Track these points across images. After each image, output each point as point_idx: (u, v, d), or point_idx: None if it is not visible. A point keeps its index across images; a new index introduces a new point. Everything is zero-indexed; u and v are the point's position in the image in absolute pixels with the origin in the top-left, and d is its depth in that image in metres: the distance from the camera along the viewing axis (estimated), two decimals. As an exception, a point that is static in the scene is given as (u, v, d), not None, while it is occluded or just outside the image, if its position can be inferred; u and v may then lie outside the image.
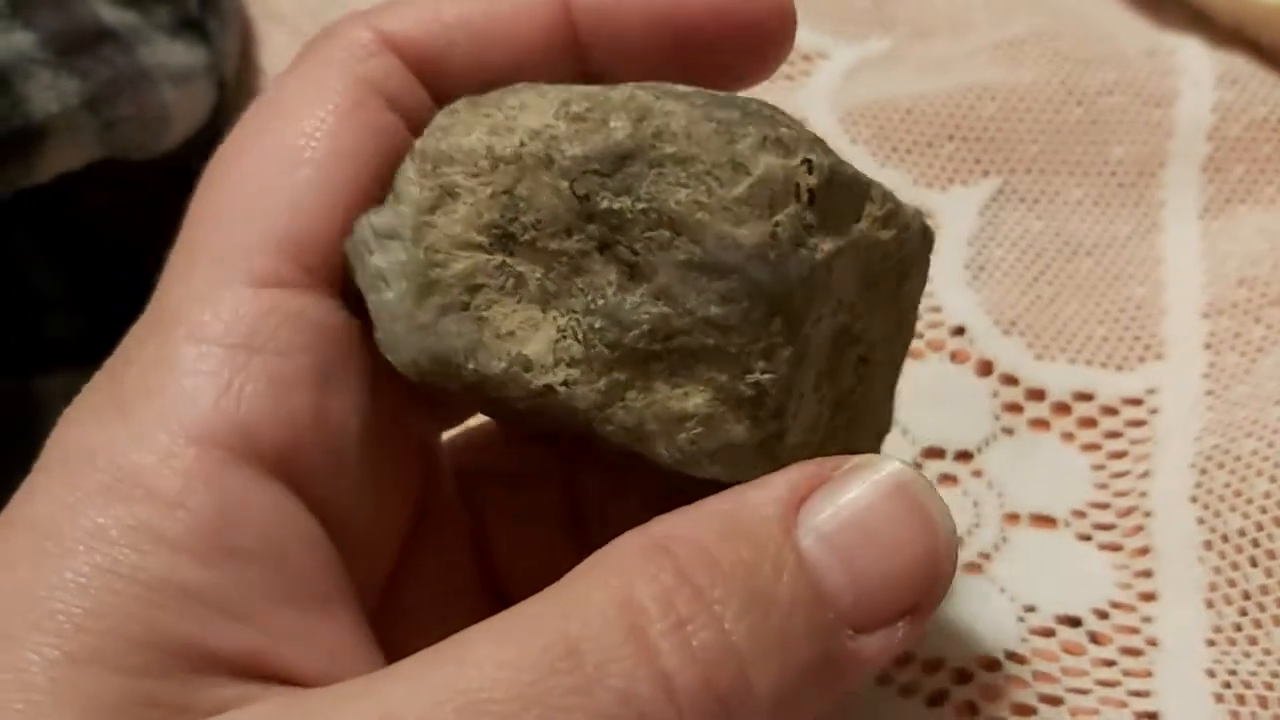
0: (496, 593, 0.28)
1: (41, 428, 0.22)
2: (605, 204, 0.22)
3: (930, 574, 0.21)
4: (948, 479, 0.34)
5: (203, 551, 0.20)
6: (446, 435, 0.29)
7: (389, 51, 0.24)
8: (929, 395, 0.36)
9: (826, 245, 0.22)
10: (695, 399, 0.22)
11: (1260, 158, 0.40)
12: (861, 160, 0.40)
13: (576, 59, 0.25)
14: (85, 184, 0.35)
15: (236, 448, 0.21)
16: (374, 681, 0.19)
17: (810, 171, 0.22)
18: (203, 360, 0.21)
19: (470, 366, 0.22)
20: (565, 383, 0.22)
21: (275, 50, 0.43)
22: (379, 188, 0.24)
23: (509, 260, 0.23)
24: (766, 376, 0.22)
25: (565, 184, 0.22)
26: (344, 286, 0.24)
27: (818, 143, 0.23)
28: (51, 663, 0.19)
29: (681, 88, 0.23)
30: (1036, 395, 0.36)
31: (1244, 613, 0.31)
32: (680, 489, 0.22)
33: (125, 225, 0.39)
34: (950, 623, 0.32)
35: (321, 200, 0.23)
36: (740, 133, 0.22)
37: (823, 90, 0.42)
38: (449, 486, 0.28)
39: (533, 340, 0.22)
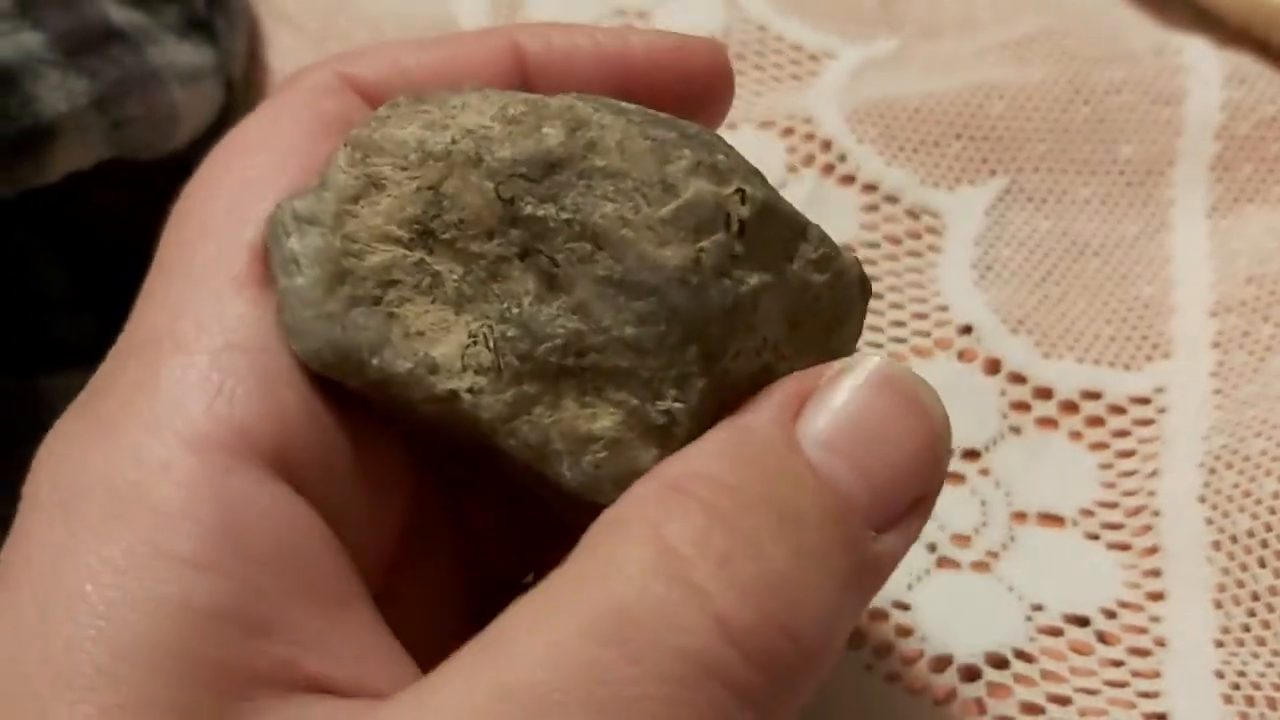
0: (486, 596, 0.27)
1: (46, 428, 0.22)
2: (529, 210, 0.22)
3: (932, 461, 0.22)
4: (955, 478, 0.34)
5: (218, 564, 0.19)
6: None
7: (350, 90, 0.25)
8: (937, 394, 0.36)
9: (753, 279, 0.22)
10: (604, 421, 0.22)
11: (1269, 156, 0.40)
12: (868, 159, 0.40)
13: None
14: (93, 184, 0.35)
15: (235, 449, 0.20)
16: (423, 693, 0.19)
17: (743, 201, 0.22)
18: (189, 367, 0.21)
19: (375, 363, 0.22)
20: (471, 389, 0.22)
21: (282, 50, 0.43)
22: None
23: (427, 258, 0.22)
24: (678, 405, 0.21)
25: (491, 185, 0.22)
26: None
27: (755, 175, 0.23)
28: (85, 718, 0.18)
29: (624, 104, 0.23)
30: (1044, 394, 0.36)
31: (1252, 613, 0.31)
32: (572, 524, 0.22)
33: (132, 225, 0.39)
34: (958, 620, 0.32)
35: None
36: (675, 154, 0.22)
37: (830, 89, 0.42)
38: (435, 486, 0.27)
39: (442, 343, 0.22)
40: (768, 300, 0.22)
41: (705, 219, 0.21)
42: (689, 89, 0.26)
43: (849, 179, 0.40)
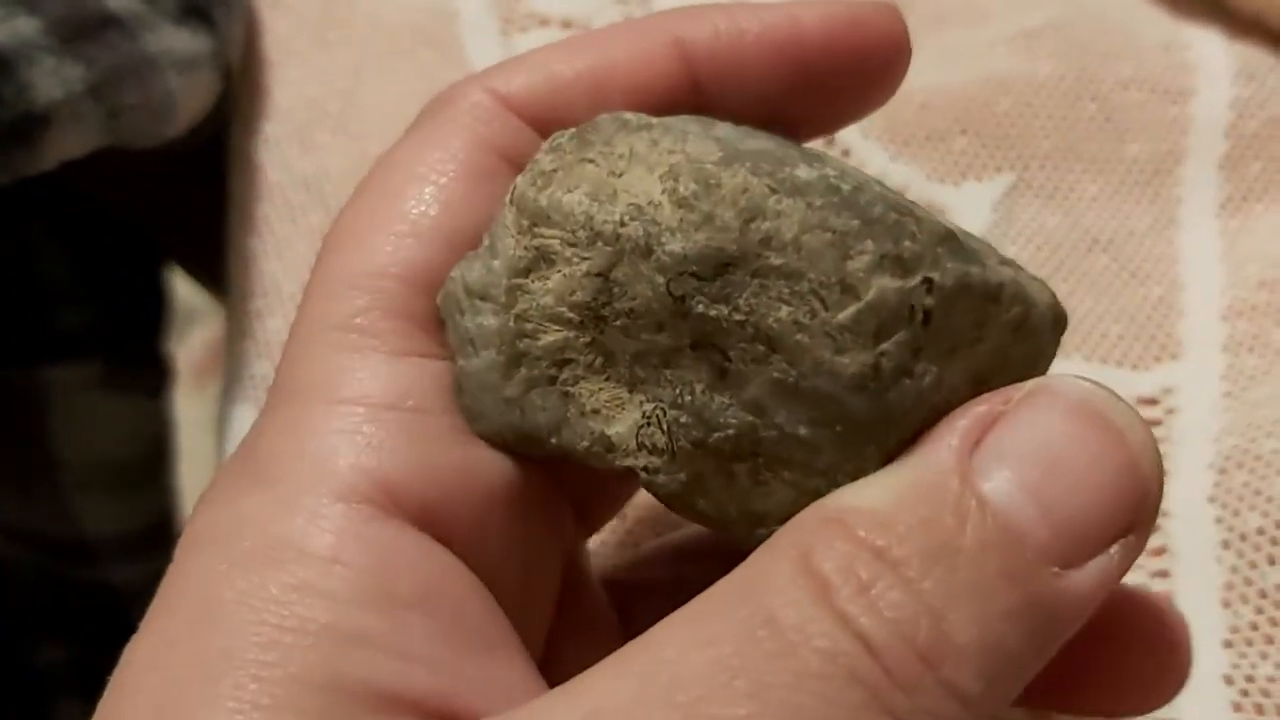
0: None
1: (48, 417, 0.22)
2: (701, 309, 0.21)
3: (1133, 489, 0.20)
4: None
5: (367, 602, 0.20)
6: (594, 541, 0.29)
7: (506, 110, 0.24)
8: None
9: (935, 368, 0.21)
10: (779, 496, 0.21)
11: (1278, 155, 0.39)
12: (874, 155, 0.39)
13: (695, 100, 0.24)
14: (92, 173, 0.35)
15: (381, 502, 0.21)
16: (572, 687, 0.19)
17: (929, 292, 0.20)
18: (339, 420, 0.21)
19: (553, 441, 0.22)
20: (647, 469, 0.21)
21: (280, 38, 0.43)
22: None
23: (600, 338, 0.22)
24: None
25: (662, 280, 0.21)
26: None
27: (948, 244, 0.21)
28: (234, 712, 0.18)
29: (804, 172, 0.21)
30: (1052, 394, 0.35)
31: (1260, 611, 0.31)
32: None
33: (133, 215, 0.39)
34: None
35: (429, 269, 0.23)
36: (856, 248, 0.20)
37: (834, 83, 0.41)
38: (594, 587, 0.27)
39: (617, 421, 0.22)
40: (954, 374, 0.21)
41: (887, 320, 0.20)
42: (867, 65, 0.25)
43: (854, 174, 0.39)
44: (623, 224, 0.21)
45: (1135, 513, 0.20)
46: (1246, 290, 0.37)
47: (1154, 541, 0.32)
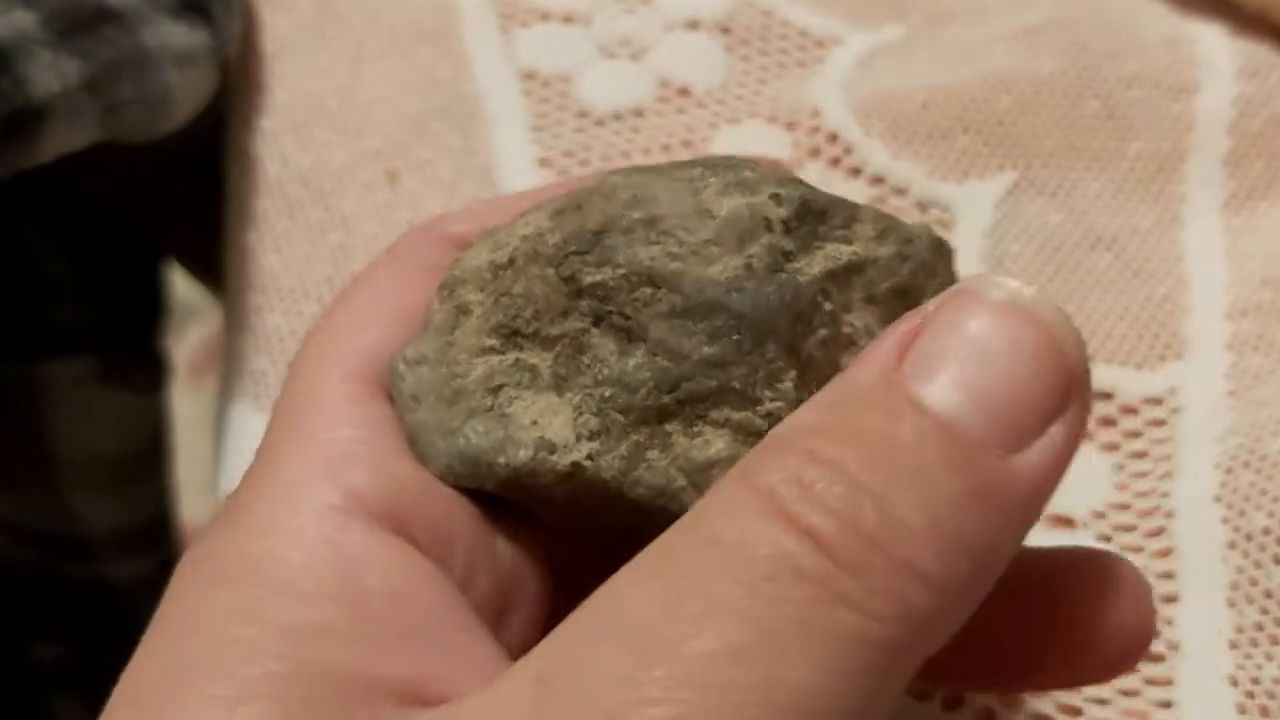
0: None
1: (45, 413, 0.22)
2: (589, 278, 0.23)
3: (1058, 367, 0.21)
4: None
5: (337, 596, 0.21)
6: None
7: (445, 241, 0.27)
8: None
9: (814, 268, 0.23)
10: (716, 444, 0.22)
11: (1282, 153, 0.39)
12: (876, 154, 0.39)
13: None
14: (89, 168, 0.34)
15: (350, 509, 0.22)
16: (552, 639, 0.20)
17: (779, 204, 0.23)
18: (308, 454, 0.23)
19: (501, 461, 0.23)
20: (590, 456, 0.23)
21: (278, 34, 0.42)
22: None
23: (520, 356, 0.24)
24: (776, 404, 0.22)
25: (552, 271, 0.23)
26: None
27: (788, 180, 0.24)
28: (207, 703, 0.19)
29: (651, 164, 0.25)
30: (1055, 393, 0.35)
31: (1266, 611, 0.31)
32: None
33: (129, 210, 0.39)
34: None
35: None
36: (702, 184, 0.23)
37: (835, 79, 0.41)
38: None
39: (554, 424, 0.23)
40: (839, 288, 0.23)
41: (746, 229, 0.23)
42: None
43: (855, 171, 0.39)
44: (515, 249, 0.24)
45: (1066, 390, 0.21)
46: (1251, 288, 0.36)
47: (1159, 543, 0.32)
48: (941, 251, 0.25)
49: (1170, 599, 0.31)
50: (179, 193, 0.44)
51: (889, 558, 0.19)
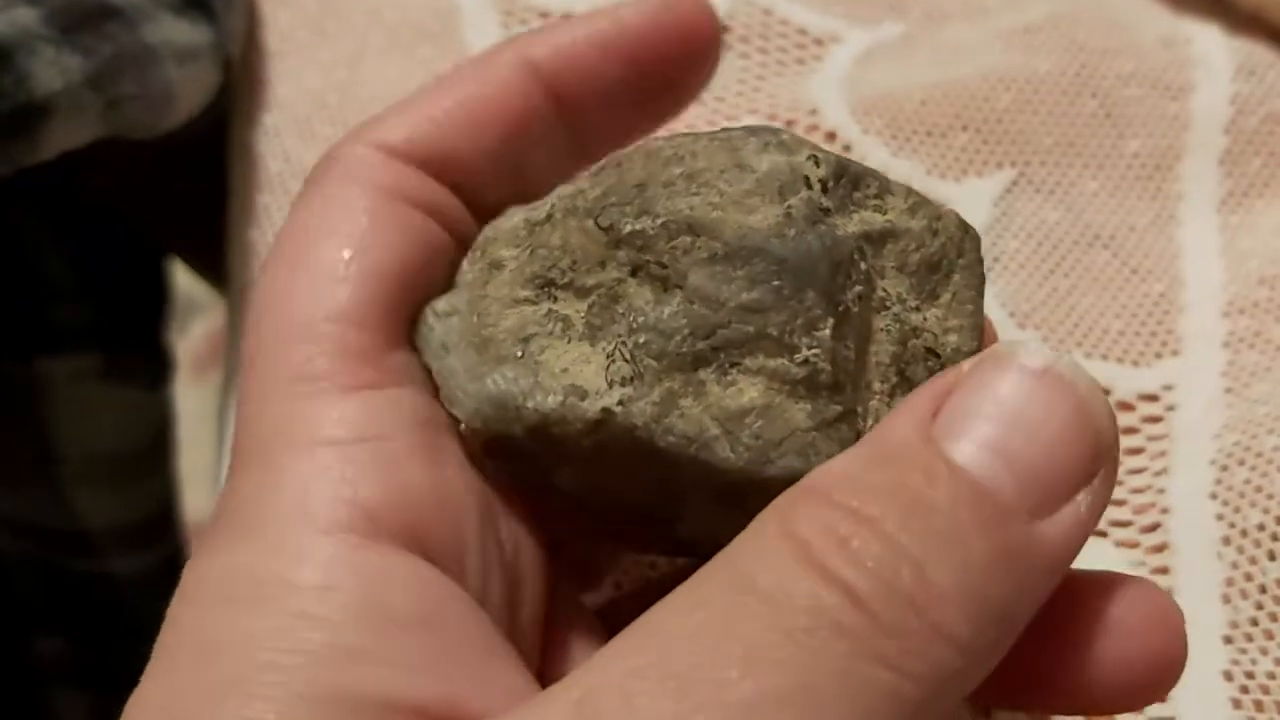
0: None
1: (47, 409, 0.22)
2: (628, 227, 0.23)
3: (1089, 435, 0.21)
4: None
5: (362, 621, 0.20)
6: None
7: (394, 159, 0.25)
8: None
9: (850, 227, 0.23)
10: (750, 392, 0.22)
11: (1278, 151, 0.39)
12: (874, 151, 0.39)
13: (557, 110, 0.27)
14: (91, 165, 0.34)
15: (364, 530, 0.21)
16: (569, 677, 0.20)
17: (818, 164, 0.23)
18: (310, 461, 0.22)
19: (530, 405, 0.23)
20: (620, 402, 0.23)
21: (280, 30, 0.43)
22: (422, 274, 0.25)
23: (554, 307, 0.24)
24: (814, 351, 0.22)
25: (590, 221, 0.23)
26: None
27: (823, 148, 0.24)
28: None
29: (690, 131, 0.24)
30: (1052, 389, 0.35)
31: (1260, 606, 0.31)
32: None
33: (131, 206, 0.39)
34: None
35: (364, 310, 0.24)
36: (741, 143, 0.23)
37: (834, 77, 0.41)
38: (590, 618, 0.28)
39: (586, 372, 0.23)
40: (873, 252, 0.23)
41: (786, 183, 0.23)
42: (687, 45, 0.27)
43: (855, 168, 0.39)
44: (553, 206, 0.24)
45: (1095, 458, 0.21)
46: (1247, 286, 0.37)
47: (1154, 538, 0.32)
48: (969, 233, 0.25)
49: (1165, 594, 0.31)
50: (181, 189, 0.44)
51: (923, 620, 0.19)
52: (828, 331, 0.22)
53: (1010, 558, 0.20)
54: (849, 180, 0.24)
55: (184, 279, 0.58)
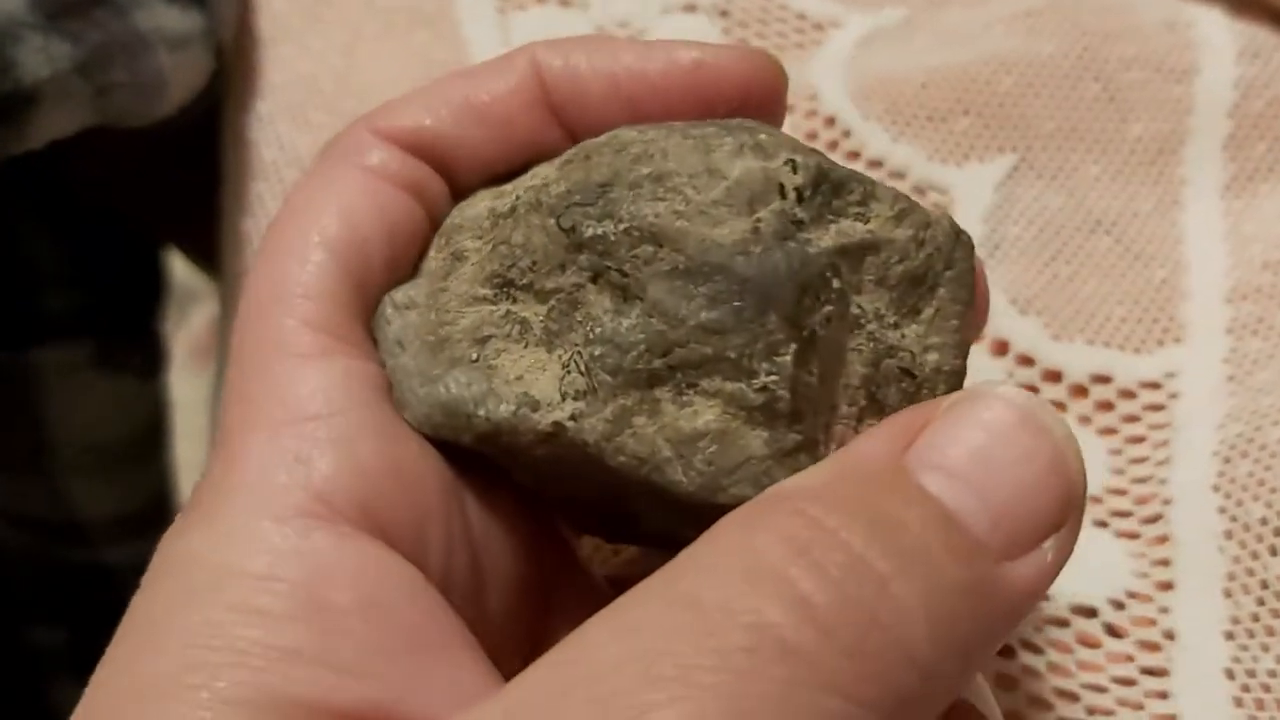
0: None
1: (40, 399, 0.22)
2: (590, 231, 0.22)
3: (1063, 483, 0.21)
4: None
5: (302, 615, 0.20)
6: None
7: (388, 144, 0.26)
8: (942, 376, 0.35)
9: (825, 241, 0.22)
10: (705, 415, 0.22)
11: (1283, 135, 0.39)
12: (875, 137, 0.39)
13: (553, 120, 0.26)
14: (81, 153, 0.34)
15: (317, 513, 0.21)
16: (505, 688, 0.19)
17: (795, 171, 0.22)
18: (269, 443, 0.22)
19: (481, 414, 0.22)
20: (573, 417, 0.22)
21: (274, 16, 0.42)
22: (395, 249, 0.25)
23: (513, 308, 0.23)
24: (772, 378, 0.21)
25: (552, 221, 0.23)
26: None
27: (806, 149, 0.23)
28: None
29: (666, 123, 0.23)
30: (1053, 377, 0.35)
31: (1261, 602, 0.30)
32: None
33: (121, 196, 0.39)
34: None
35: (337, 285, 0.24)
36: (716, 144, 0.22)
37: (834, 61, 0.41)
38: (598, 581, 0.27)
39: (540, 381, 0.22)
40: (851, 265, 0.22)
41: (758, 192, 0.22)
42: (715, 109, 0.26)
43: (854, 155, 0.39)
44: (518, 198, 0.23)
45: (1064, 507, 0.21)
46: (1251, 272, 0.36)
47: (1155, 529, 0.32)
48: (960, 241, 0.24)
49: (1166, 586, 0.31)
50: (174, 177, 0.44)
51: (885, 638, 0.18)
52: (789, 358, 0.21)
53: (978, 592, 0.19)
54: (829, 187, 0.22)
55: (181, 268, 0.58)
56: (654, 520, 0.24)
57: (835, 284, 0.22)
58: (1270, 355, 0.34)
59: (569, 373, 0.22)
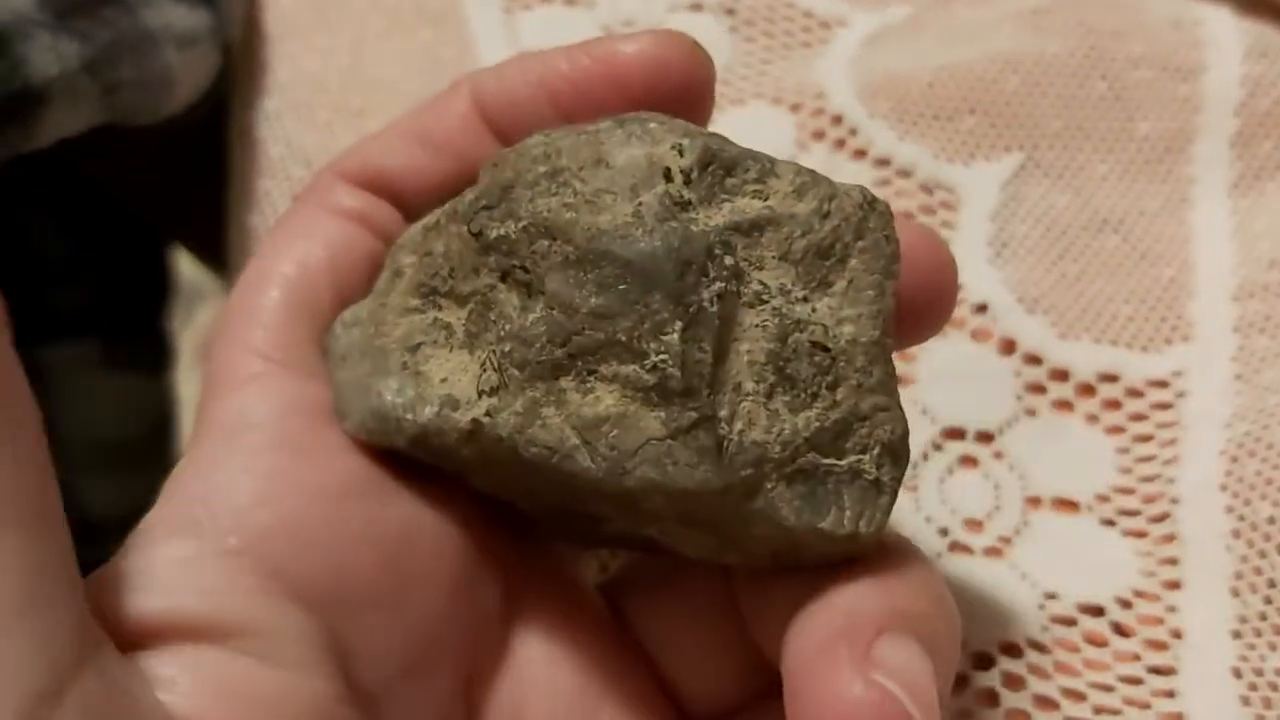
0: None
1: (47, 397, 0.22)
2: (494, 233, 0.23)
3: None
4: (968, 460, 0.33)
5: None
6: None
7: (346, 183, 0.28)
8: (949, 374, 0.35)
9: (716, 220, 0.22)
10: (606, 400, 0.22)
11: (1291, 134, 0.39)
12: (881, 135, 0.39)
13: (488, 133, 0.28)
14: (90, 151, 0.34)
15: (205, 530, 0.23)
16: None
17: (681, 154, 0.22)
18: (186, 468, 0.24)
19: (409, 418, 0.23)
20: (488, 412, 0.22)
21: (281, 14, 0.42)
22: (334, 277, 0.27)
23: (439, 315, 0.24)
24: (660, 356, 0.22)
25: (465, 228, 0.23)
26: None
27: (700, 133, 0.23)
28: None
29: (577, 125, 0.24)
30: (1060, 375, 0.35)
31: (1269, 601, 0.30)
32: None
33: (131, 193, 0.39)
34: (970, 607, 0.31)
35: (285, 314, 0.26)
36: (606, 136, 0.23)
37: (840, 60, 0.41)
38: (587, 587, 0.28)
39: (462, 382, 0.23)
40: (745, 241, 0.23)
41: (641, 178, 0.22)
42: (637, 100, 0.26)
43: (861, 153, 0.39)
44: (444, 210, 0.25)
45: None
46: (1258, 270, 0.36)
47: (1162, 528, 0.32)
48: (875, 211, 0.24)
49: (1173, 585, 0.31)
50: (182, 175, 0.44)
51: None
52: (675, 335, 0.22)
53: None
54: (720, 167, 0.23)
55: (189, 267, 0.58)
56: (611, 519, 0.24)
57: (727, 260, 0.22)
58: (1277, 353, 0.34)
59: (485, 371, 0.23)
